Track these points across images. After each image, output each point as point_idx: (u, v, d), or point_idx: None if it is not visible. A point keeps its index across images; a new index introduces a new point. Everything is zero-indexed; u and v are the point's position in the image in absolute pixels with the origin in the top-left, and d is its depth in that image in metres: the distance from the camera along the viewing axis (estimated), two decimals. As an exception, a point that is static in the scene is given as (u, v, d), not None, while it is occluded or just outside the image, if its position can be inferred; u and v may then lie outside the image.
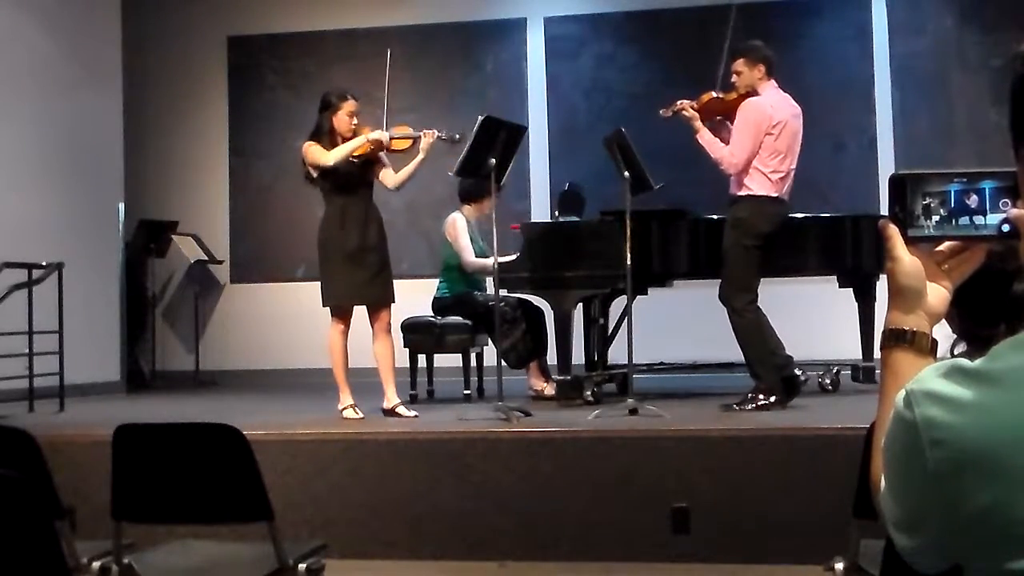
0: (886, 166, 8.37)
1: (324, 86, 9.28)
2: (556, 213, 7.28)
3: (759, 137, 5.55)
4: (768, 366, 5.60)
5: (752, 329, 5.58)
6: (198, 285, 9.48)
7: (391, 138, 5.81)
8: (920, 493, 1.09)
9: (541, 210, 8.84)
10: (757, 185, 5.58)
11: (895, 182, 1.26)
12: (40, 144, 7.88)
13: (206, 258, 9.32)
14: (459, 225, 6.82)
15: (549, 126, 9.12)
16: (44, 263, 6.94)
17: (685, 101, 5.76)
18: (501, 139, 5.74)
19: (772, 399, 5.53)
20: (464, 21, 9.25)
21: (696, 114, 5.71)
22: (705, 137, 5.68)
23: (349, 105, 5.81)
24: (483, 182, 5.94)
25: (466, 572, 4.77)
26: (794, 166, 5.70)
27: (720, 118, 5.80)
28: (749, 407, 5.51)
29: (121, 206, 8.72)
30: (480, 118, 5.71)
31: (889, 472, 1.15)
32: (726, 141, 5.67)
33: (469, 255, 6.76)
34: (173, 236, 9.26)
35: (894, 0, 8.78)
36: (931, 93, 8.67)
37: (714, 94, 5.82)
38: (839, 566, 2.99)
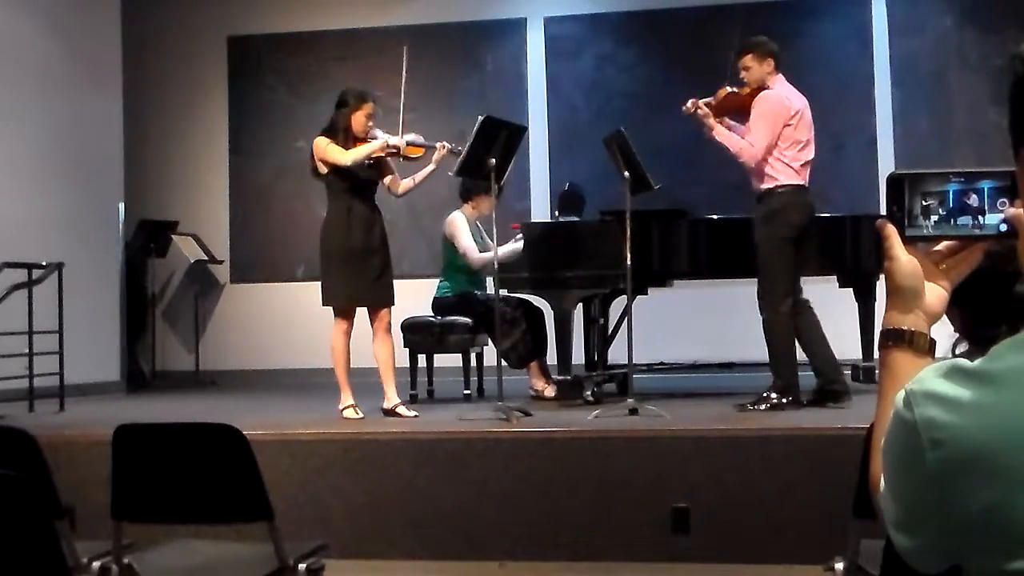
0: (886, 166, 8.37)
1: (324, 86, 9.37)
2: (556, 213, 7.28)
3: (778, 128, 5.54)
4: (789, 366, 5.55)
5: (782, 335, 5.52)
6: (198, 285, 9.49)
7: (407, 144, 5.83)
8: (920, 493, 1.08)
9: (541, 210, 8.84)
10: (784, 176, 5.54)
11: (893, 182, 1.26)
12: (40, 144, 7.88)
13: (206, 258, 9.32)
14: (459, 224, 6.82)
15: (549, 126, 9.12)
16: (44, 263, 6.94)
17: (700, 100, 5.74)
18: (501, 139, 5.73)
19: (786, 400, 5.50)
20: (464, 21, 9.25)
21: (709, 112, 5.69)
22: (721, 133, 5.67)
23: (368, 107, 5.82)
24: (482, 181, 5.95)
25: (466, 572, 4.77)
26: (813, 156, 5.67)
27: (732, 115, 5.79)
28: (763, 407, 5.48)
29: (121, 206, 8.72)
30: (480, 118, 5.71)
31: (889, 472, 1.15)
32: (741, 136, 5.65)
33: (474, 253, 6.75)
34: (173, 236, 9.26)
35: (894, 0, 8.79)
36: (931, 93, 8.67)
37: (729, 89, 5.82)
38: (839, 566, 2.98)
